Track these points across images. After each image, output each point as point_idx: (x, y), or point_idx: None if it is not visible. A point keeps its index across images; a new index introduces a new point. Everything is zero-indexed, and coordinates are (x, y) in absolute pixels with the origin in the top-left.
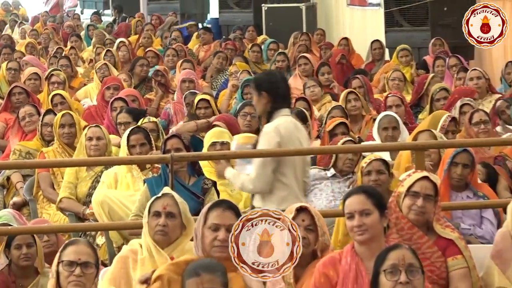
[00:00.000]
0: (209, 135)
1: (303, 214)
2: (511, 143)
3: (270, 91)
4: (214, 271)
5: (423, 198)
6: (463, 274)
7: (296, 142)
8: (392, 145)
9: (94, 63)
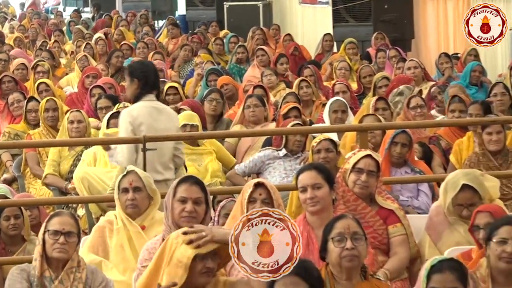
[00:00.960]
0: (181, 117)
1: (260, 188)
2: (444, 125)
3: (141, 79)
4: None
5: (367, 174)
6: (402, 240)
7: (152, 123)
8: (340, 127)
9: (75, 55)
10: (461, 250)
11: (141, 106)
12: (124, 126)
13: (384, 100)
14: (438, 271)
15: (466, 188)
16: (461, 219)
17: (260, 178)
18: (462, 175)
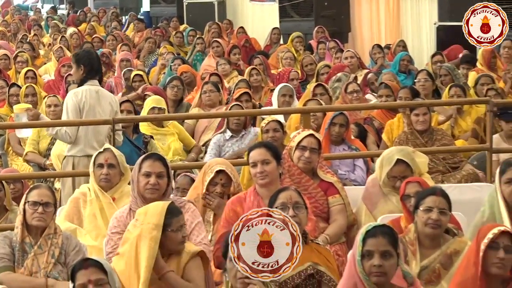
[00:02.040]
0: (150, 101)
1: (222, 174)
2: (377, 108)
3: (87, 65)
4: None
5: (309, 151)
6: (340, 209)
7: (94, 104)
8: (286, 110)
9: (52, 47)
10: (391, 217)
11: (85, 89)
12: (70, 106)
13: (322, 86)
14: (372, 235)
15: (400, 162)
16: (394, 190)
17: (221, 163)
18: (397, 151)
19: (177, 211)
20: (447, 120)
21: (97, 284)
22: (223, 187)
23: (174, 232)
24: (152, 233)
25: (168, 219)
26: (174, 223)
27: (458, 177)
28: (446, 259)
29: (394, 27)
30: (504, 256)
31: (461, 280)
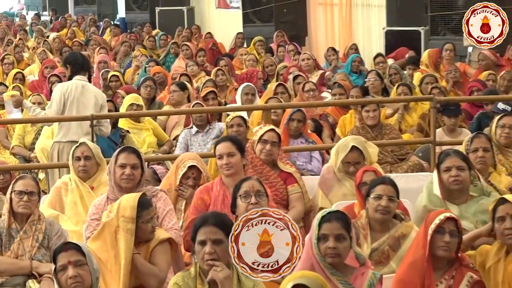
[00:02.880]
0: (128, 98)
1: (193, 169)
2: (331, 105)
3: (72, 64)
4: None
5: (270, 144)
6: (298, 197)
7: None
8: (249, 107)
9: (36, 50)
10: (345, 204)
11: (72, 83)
12: (56, 97)
13: (282, 85)
14: (327, 220)
15: (355, 149)
16: (348, 175)
17: (192, 158)
18: (351, 139)
19: (148, 204)
20: (394, 113)
21: (76, 265)
22: (194, 180)
23: (144, 224)
24: (127, 226)
25: (139, 212)
26: (145, 215)
27: (405, 167)
28: (394, 241)
29: (347, 32)
30: (450, 240)
31: (411, 261)
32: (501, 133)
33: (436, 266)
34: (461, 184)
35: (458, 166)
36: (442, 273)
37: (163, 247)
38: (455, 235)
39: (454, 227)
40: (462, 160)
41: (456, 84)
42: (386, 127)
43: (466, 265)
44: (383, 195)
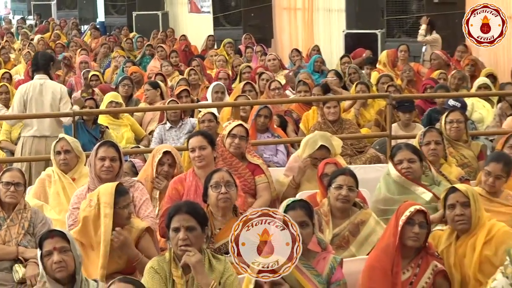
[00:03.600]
0: (108, 96)
1: (168, 155)
2: (295, 102)
3: (32, 64)
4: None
5: (239, 138)
6: (265, 187)
7: (37, 96)
8: (219, 104)
9: (22, 51)
10: (308, 193)
11: (31, 83)
12: (16, 100)
13: (250, 84)
14: (291, 208)
15: (322, 147)
16: (312, 165)
17: (167, 147)
18: (320, 136)
19: (124, 191)
20: (352, 106)
21: (61, 250)
22: (169, 166)
23: (121, 209)
24: (106, 211)
25: (116, 198)
26: (121, 202)
27: (363, 159)
28: (354, 227)
29: (309, 34)
30: (419, 231)
31: (382, 246)
32: (450, 128)
33: (405, 255)
34: (412, 175)
35: (409, 158)
36: (409, 261)
37: (147, 238)
38: (424, 226)
39: (423, 218)
40: (412, 152)
41: (410, 82)
42: (346, 122)
43: (431, 254)
44: (343, 185)
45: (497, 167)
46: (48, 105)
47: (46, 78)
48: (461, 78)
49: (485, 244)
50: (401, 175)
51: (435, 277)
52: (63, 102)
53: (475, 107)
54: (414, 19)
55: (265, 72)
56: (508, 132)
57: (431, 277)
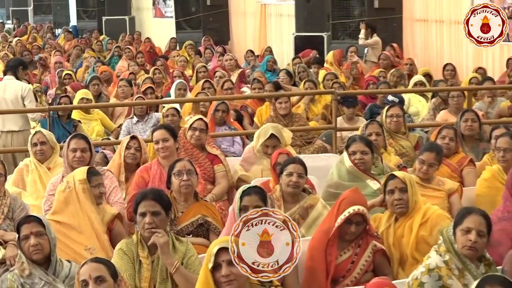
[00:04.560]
0: (80, 93)
1: (135, 140)
2: (250, 98)
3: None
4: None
5: (199, 131)
6: (223, 175)
7: (1, 96)
8: (181, 100)
9: (0, 52)
10: (262, 180)
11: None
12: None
13: (209, 81)
14: (247, 194)
15: (273, 136)
16: (265, 155)
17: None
18: (271, 126)
19: (95, 172)
20: (300, 100)
21: (37, 234)
22: (136, 150)
23: (94, 188)
24: (83, 187)
25: (89, 177)
26: (93, 181)
27: (312, 149)
28: (303, 211)
29: (262, 37)
30: (355, 230)
31: (323, 229)
32: (390, 121)
33: (342, 240)
34: (363, 166)
35: (362, 150)
36: (350, 242)
37: (119, 224)
38: (361, 224)
39: (361, 218)
40: (365, 145)
41: (354, 80)
42: (295, 116)
43: (371, 235)
44: (293, 173)
45: (430, 156)
46: (9, 102)
47: (12, 79)
48: (399, 76)
49: (421, 226)
50: (353, 165)
51: (374, 255)
52: (28, 101)
53: (412, 102)
54: (357, 23)
55: (219, 71)
56: (441, 124)
57: (370, 255)
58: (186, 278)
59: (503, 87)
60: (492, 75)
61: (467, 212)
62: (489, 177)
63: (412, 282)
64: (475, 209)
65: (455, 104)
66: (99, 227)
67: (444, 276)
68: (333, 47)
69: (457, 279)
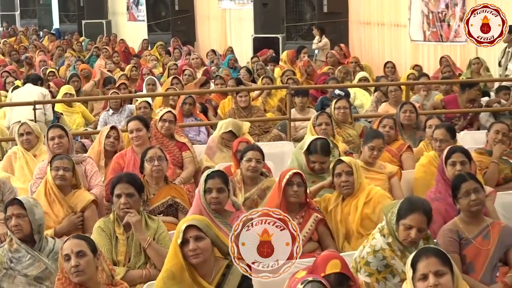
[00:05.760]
0: (63, 88)
1: (114, 130)
2: (214, 92)
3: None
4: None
5: (168, 122)
6: (190, 160)
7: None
8: (152, 94)
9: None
10: (224, 165)
11: None
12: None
13: (177, 78)
14: (211, 177)
15: (230, 131)
16: (225, 145)
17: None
18: (232, 122)
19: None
20: (259, 95)
21: (18, 216)
22: (114, 139)
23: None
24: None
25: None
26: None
27: (268, 137)
28: (261, 192)
29: (224, 38)
30: (297, 189)
31: (272, 204)
32: (338, 113)
33: (290, 209)
34: (321, 171)
35: (321, 161)
36: (294, 214)
37: (92, 208)
38: (301, 185)
39: (300, 179)
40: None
41: (308, 76)
42: (254, 108)
43: (313, 208)
44: (252, 158)
45: (379, 141)
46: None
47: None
48: (346, 72)
49: (365, 204)
50: (311, 171)
51: (317, 225)
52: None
53: (357, 96)
54: (308, 25)
55: (187, 69)
56: (382, 115)
57: (313, 225)
58: (157, 252)
59: (436, 82)
60: (428, 71)
61: (411, 209)
62: (425, 162)
63: (359, 260)
64: (418, 206)
65: (394, 97)
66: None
67: (388, 257)
68: (288, 47)
69: (400, 259)
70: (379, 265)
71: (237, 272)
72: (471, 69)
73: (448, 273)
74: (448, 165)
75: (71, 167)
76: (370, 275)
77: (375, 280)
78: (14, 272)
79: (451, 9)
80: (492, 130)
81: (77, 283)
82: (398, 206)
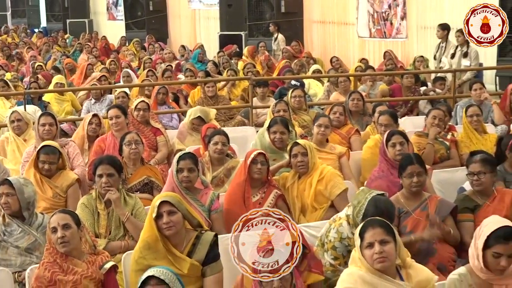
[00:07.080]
0: (55, 78)
1: (96, 117)
2: (184, 83)
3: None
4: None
5: (142, 110)
6: (164, 144)
7: None
8: (129, 85)
9: None
10: (195, 147)
11: None
12: None
13: (151, 71)
14: (182, 159)
15: (199, 117)
16: (195, 130)
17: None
18: (200, 109)
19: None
20: (224, 86)
21: (7, 195)
22: (96, 125)
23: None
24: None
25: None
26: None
27: (233, 123)
28: (227, 172)
29: (193, 35)
30: (260, 167)
31: (237, 182)
32: (294, 101)
33: (253, 185)
34: (281, 144)
35: (281, 131)
36: (257, 190)
37: (75, 187)
38: (264, 164)
39: (263, 158)
40: (284, 127)
41: (269, 68)
42: (220, 97)
43: (273, 185)
44: (219, 142)
45: (325, 119)
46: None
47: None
48: (301, 65)
49: (318, 182)
50: (272, 143)
51: (276, 200)
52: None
53: (311, 86)
54: (268, 24)
55: (162, 63)
56: (333, 103)
57: (274, 199)
58: (135, 225)
59: (381, 73)
60: (373, 64)
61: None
62: (372, 145)
63: (327, 242)
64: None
65: (343, 87)
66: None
67: (352, 245)
68: (249, 43)
69: None
70: (344, 251)
71: (205, 242)
72: (414, 66)
73: (391, 241)
74: (389, 147)
75: (56, 160)
76: (335, 259)
77: (339, 263)
78: (7, 244)
79: (393, 9)
80: (429, 116)
81: (63, 252)
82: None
